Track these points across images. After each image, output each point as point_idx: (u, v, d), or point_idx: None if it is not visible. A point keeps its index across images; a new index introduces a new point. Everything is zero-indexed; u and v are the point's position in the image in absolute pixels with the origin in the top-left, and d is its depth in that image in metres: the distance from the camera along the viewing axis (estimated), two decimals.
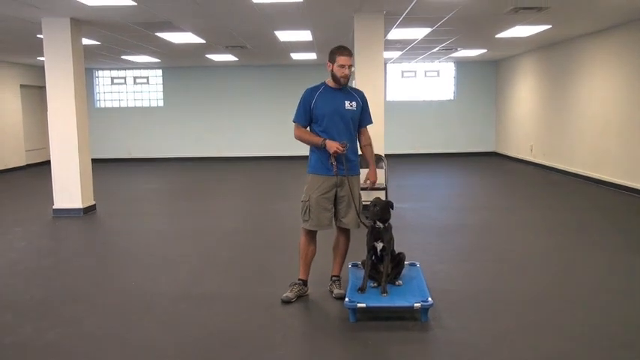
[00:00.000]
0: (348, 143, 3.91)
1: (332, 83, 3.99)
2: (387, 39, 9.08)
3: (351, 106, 3.99)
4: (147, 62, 13.30)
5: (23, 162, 13.32)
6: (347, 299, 3.70)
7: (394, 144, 12.90)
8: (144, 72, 14.96)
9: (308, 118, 3.99)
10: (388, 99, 14.20)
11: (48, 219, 7.36)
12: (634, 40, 8.37)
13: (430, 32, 8.93)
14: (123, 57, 11.94)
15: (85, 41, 8.62)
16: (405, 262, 4.16)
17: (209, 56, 12.08)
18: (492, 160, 13.80)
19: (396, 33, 8.84)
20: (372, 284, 3.95)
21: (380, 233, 3.89)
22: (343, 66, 3.89)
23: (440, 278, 4.51)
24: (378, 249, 3.91)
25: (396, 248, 4.04)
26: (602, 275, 4.69)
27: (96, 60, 12.35)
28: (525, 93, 12.73)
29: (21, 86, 13.25)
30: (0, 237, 6.48)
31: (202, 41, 9.57)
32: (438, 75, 14.93)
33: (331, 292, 4.12)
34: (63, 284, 4.68)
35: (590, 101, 9.74)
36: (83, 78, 7.66)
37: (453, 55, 12.78)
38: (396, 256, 4.03)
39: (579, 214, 7.27)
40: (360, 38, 7.23)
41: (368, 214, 3.91)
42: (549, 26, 8.62)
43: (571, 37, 10.10)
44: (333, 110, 3.94)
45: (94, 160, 8.33)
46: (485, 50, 11.92)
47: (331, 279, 4.19)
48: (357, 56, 7.11)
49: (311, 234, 4.08)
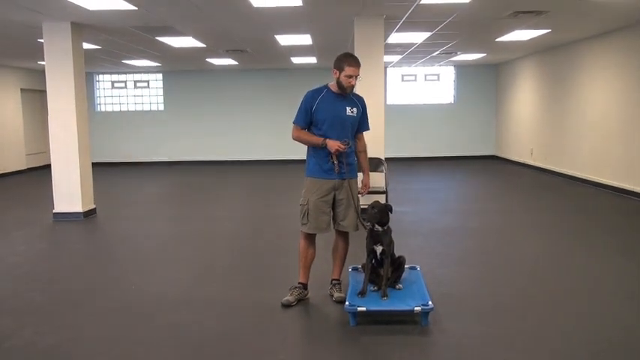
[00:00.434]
0: (349, 144, 3.91)
1: (335, 88, 3.97)
2: (387, 43, 9.10)
3: (352, 112, 3.99)
4: (147, 66, 13.32)
5: (24, 166, 13.33)
6: (347, 303, 3.70)
7: (394, 148, 12.94)
8: (144, 76, 14.99)
9: (308, 121, 3.98)
10: (388, 103, 14.21)
11: (48, 223, 7.36)
12: (633, 44, 8.39)
13: (430, 36, 8.94)
14: (123, 61, 11.96)
15: (86, 45, 8.64)
16: (406, 266, 4.16)
17: (209, 60, 12.10)
18: (493, 164, 13.80)
19: (396, 37, 8.86)
20: (373, 288, 3.95)
21: (379, 236, 3.89)
22: (351, 76, 3.87)
23: (440, 282, 4.51)
24: (378, 252, 3.91)
25: (397, 252, 4.04)
26: (604, 279, 4.68)
27: (96, 64, 12.38)
28: (525, 96, 12.75)
29: (22, 90, 13.27)
30: (0, 240, 6.49)
31: (203, 45, 9.60)
32: (438, 79, 14.95)
33: (331, 296, 4.12)
34: (63, 288, 4.68)
35: (590, 104, 9.75)
36: (84, 82, 7.67)
37: (453, 59, 12.80)
38: (396, 260, 4.03)
39: (580, 218, 7.27)
40: (360, 42, 7.24)
41: (366, 217, 3.91)
42: (549, 30, 8.64)
43: (571, 41, 10.12)
44: (334, 115, 3.93)
45: (95, 164, 8.33)
46: (485, 54, 11.94)
47: (331, 282, 4.19)
48: None
49: (310, 237, 4.07)
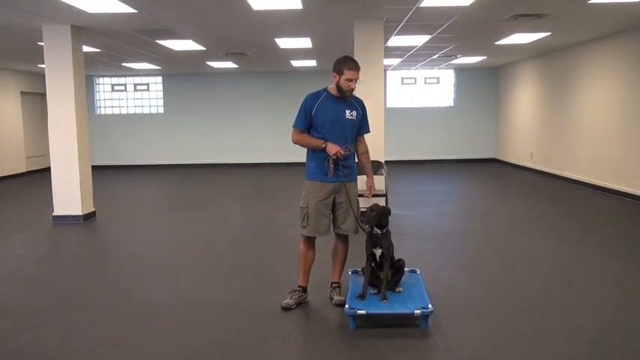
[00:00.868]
0: (349, 150, 3.92)
1: (335, 91, 3.97)
2: (387, 46, 9.11)
3: (352, 116, 3.99)
4: (147, 69, 13.33)
5: (23, 169, 13.32)
6: (347, 306, 3.69)
7: (394, 150, 12.92)
8: (144, 79, 15.00)
9: (308, 124, 3.98)
10: (388, 106, 14.22)
11: (48, 226, 7.35)
12: (633, 47, 8.40)
13: (430, 39, 8.95)
14: (123, 64, 11.97)
15: (86, 48, 8.64)
16: (405, 269, 4.16)
17: (209, 63, 12.11)
18: (492, 167, 13.80)
19: (396, 40, 8.87)
20: (372, 291, 3.95)
21: (378, 239, 3.89)
22: (351, 80, 3.87)
23: (440, 285, 4.50)
24: (377, 255, 3.90)
25: (396, 255, 4.03)
26: (602, 281, 4.68)
27: (96, 67, 12.39)
28: (525, 99, 12.76)
29: (21, 93, 13.28)
30: (0, 244, 6.48)
31: (202, 48, 9.60)
32: (438, 82, 14.96)
33: (331, 299, 4.11)
34: (62, 291, 4.67)
35: (590, 107, 9.76)
36: (83, 85, 7.68)
37: (453, 62, 12.81)
38: (396, 263, 4.03)
39: (579, 221, 7.27)
40: (360, 45, 7.25)
41: (365, 220, 3.91)
42: (549, 33, 8.65)
43: (571, 44, 10.13)
44: (334, 118, 3.93)
45: (94, 167, 8.33)
46: (485, 57, 11.95)
47: (331, 285, 4.19)
48: None
49: (310, 240, 4.07)
